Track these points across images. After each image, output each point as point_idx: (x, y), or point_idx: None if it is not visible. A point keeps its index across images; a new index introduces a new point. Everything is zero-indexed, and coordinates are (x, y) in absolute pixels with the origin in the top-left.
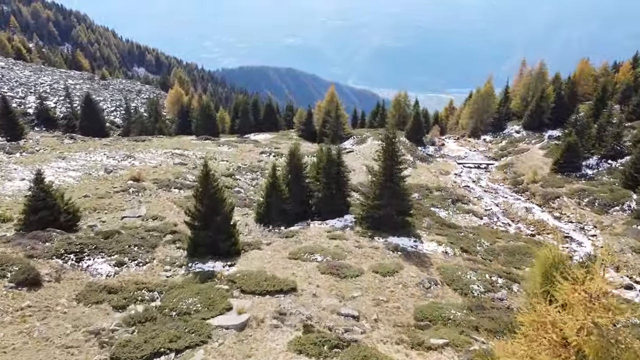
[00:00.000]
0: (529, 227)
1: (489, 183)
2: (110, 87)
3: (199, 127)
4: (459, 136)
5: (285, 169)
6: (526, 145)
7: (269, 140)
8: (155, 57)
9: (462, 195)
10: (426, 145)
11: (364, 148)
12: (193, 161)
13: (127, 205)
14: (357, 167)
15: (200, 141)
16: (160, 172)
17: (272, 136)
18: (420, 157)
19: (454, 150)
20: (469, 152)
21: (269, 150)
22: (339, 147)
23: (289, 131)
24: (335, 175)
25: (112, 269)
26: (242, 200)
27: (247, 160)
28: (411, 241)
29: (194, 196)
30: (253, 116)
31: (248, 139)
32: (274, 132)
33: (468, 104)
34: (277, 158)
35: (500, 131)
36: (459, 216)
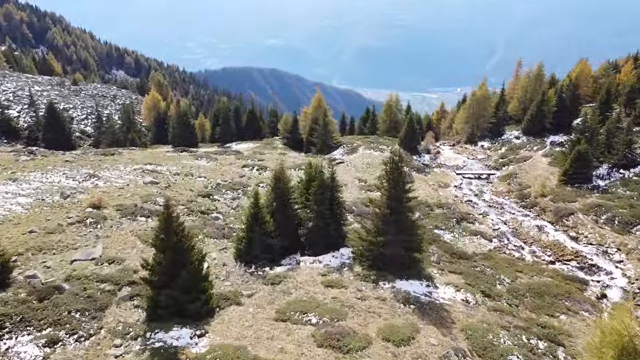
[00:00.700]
0: (545, 251)
1: (492, 196)
2: (82, 93)
3: (175, 136)
4: (454, 142)
5: (270, 195)
6: (528, 153)
7: (252, 151)
8: (135, 59)
9: (466, 212)
10: (421, 153)
11: (355, 159)
12: (166, 179)
13: (82, 241)
14: (349, 181)
15: (177, 153)
16: (126, 195)
17: (256, 145)
18: (417, 167)
19: (450, 158)
20: (467, 160)
21: (251, 162)
22: (330, 164)
23: (274, 139)
24: (329, 201)
25: (41, 351)
26: (219, 229)
27: (227, 176)
28: (423, 286)
29: (153, 244)
30: (235, 123)
31: (229, 149)
32: (257, 140)
33: (463, 107)
34: (260, 172)
35: (498, 137)
36: (466, 239)
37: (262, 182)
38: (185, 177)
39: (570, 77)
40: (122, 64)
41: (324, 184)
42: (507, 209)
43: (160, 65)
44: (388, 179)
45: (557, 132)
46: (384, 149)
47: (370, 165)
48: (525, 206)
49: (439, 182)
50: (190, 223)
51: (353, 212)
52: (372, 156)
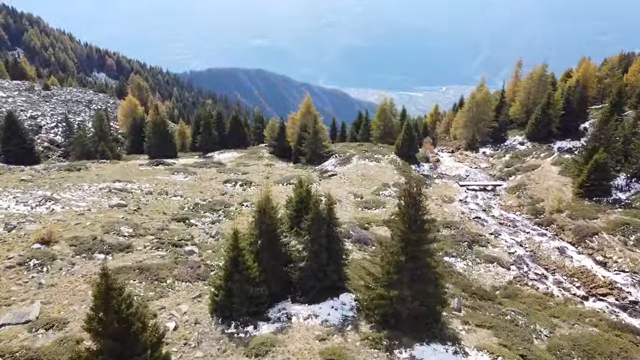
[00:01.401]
0: (572, 281)
1: (502, 212)
2: (54, 99)
3: (152, 147)
4: (453, 149)
5: (254, 231)
6: (535, 161)
7: (236, 161)
8: (117, 61)
9: (476, 233)
10: (420, 163)
11: (349, 170)
12: (136, 200)
13: (19, 293)
14: (343, 197)
15: (151, 167)
16: (85, 224)
17: (240, 155)
18: (416, 179)
19: (451, 167)
20: (469, 169)
21: (234, 177)
22: (322, 177)
23: (259, 147)
24: (325, 238)
25: None
26: (193, 268)
27: (207, 193)
28: (450, 352)
29: (86, 328)
30: (217, 130)
31: (211, 160)
32: (241, 148)
33: (462, 111)
34: (244, 188)
35: (500, 142)
36: (481, 267)
37: (246, 200)
38: (159, 196)
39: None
40: (103, 66)
41: (319, 216)
42: (520, 227)
43: (142, 67)
44: (403, 216)
45: (564, 137)
46: (379, 158)
47: (365, 177)
48: (540, 223)
49: (442, 196)
50: (158, 261)
51: (350, 237)
52: (367, 167)
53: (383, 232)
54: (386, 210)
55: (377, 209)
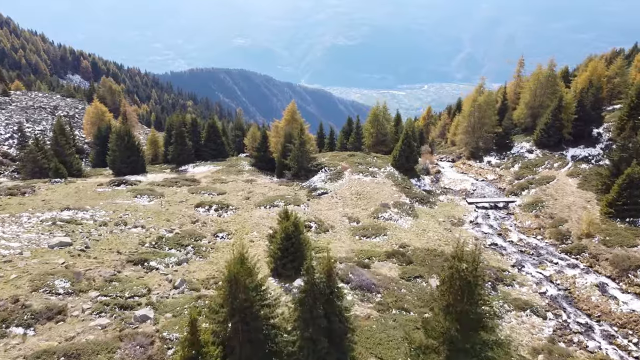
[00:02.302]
0: (625, 334)
1: (520, 235)
2: (13, 105)
3: (116, 161)
4: (454, 157)
5: (222, 307)
6: (548, 172)
7: (212, 177)
8: (92, 62)
9: (498, 268)
10: (420, 176)
11: (341, 187)
12: (86, 234)
13: None
14: (337, 221)
15: (112, 188)
16: (9, 277)
17: (217, 168)
18: (418, 196)
19: (455, 180)
20: (475, 182)
21: (209, 198)
22: (310, 196)
23: (239, 159)
24: (324, 316)
25: None
26: (144, 347)
27: (175, 221)
28: None
29: None
30: (192, 140)
31: (183, 176)
32: (219, 160)
33: (462, 116)
34: (220, 214)
35: (506, 150)
36: (512, 317)
37: (221, 230)
38: (116, 227)
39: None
40: (78, 69)
41: (315, 290)
42: (546, 256)
43: (120, 69)
44: (449, 310)
45: (576, 144)
46: (375, 172)
47: (361, 195)
48: (568, 251)
49: (450, 217)
50: (96, 336)
51: (350, 281)
52: (362, 183)
53: (387, 270)
54: (388, 238)
55: (378, 237)
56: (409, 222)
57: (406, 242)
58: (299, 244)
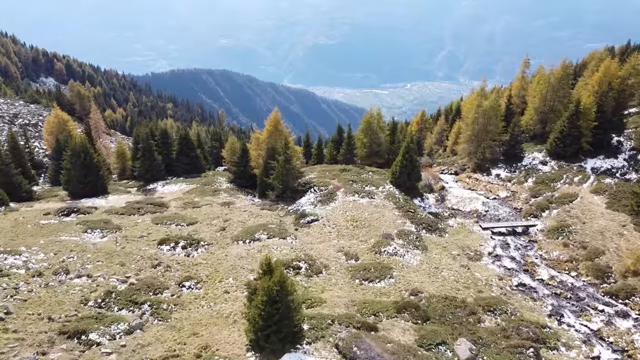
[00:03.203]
0: None
1: (550, 271)
2: None
3: (71, 181)
4: (457, 169)
5: None
6: (568, 188)
7: (183, 199)
8: (67, 64)
9: (535, 323)
10: (423, 194)
11: (334, 212)
12: (10, 291)
13: None
14: (331, 259)
15: (59, 219)
16: None
17: (190, 187)
18: (425, 222)
19: (463, 198)
20: (486, 201)
21: (177, 230)
22: (298, 224)
23: (216, 174)
24: None
25: None
26: None
27: (131, 266)
28: None
29: None
30: (163, 153)
31: (150, 199)
32: (194, 176)
33: (465, 123)
34: (189, 253)
35: (516, 161)
36: None
37: (190, 277)
38: (55, 277)
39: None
40: (51, 71)
41: None
42: (587, 300)
43: (96, 71)
44: None
45: (595, 154)
46: (372, 192)
47: (358, 223)
48: (612, 293)
49: (464, 249)
50: None
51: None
52: (358, 206)
53: (400, 332)
54: (395, 281)
55: (383, 281)
56: (418, 258)
57: (418, 287)
58: (287, 308)
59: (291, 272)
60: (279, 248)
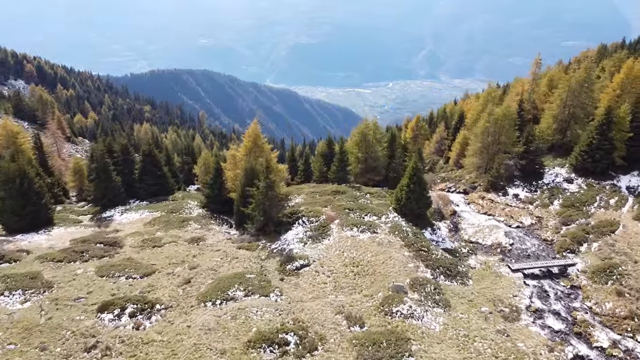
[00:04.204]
0: None
1: (608, 333)
2: None
3: (5, 213)
4: (466, 187)
5: None
6: (604, 212)
7: (144, 233)
8: (37, 66)
9: None
10: (433, 224)
11: (328, 252)
12: None
13: None
14: (328, 325)
15: None
16: None
17: (154, 215)
18: (442, 265)
19: (480, 227)
20: (509, 230)
21: (126, 287)
22: (284, 272)
23: (187, 196)
24: None
25: None
26: None
27: (56, 348)
28: None
29: None
30: (123, 172)
31: (104, 231)
32: (160, 199)
33: (474, 133)
34: (139, 323)
35: (536, 178)
36: None
37: None
38: None
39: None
40: (21, 73)
41: None
42: None
43: (69, 72)
44: None
45: (627, 170)
46: (374, 224)
47: (359, 268)
48: None
49: (496, 303)
50: None
51: None
52: (358, 245)
53: None
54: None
55: None
56: (441, 320)
57: None
58: None
59: (276, 351)
60: (260, 311)
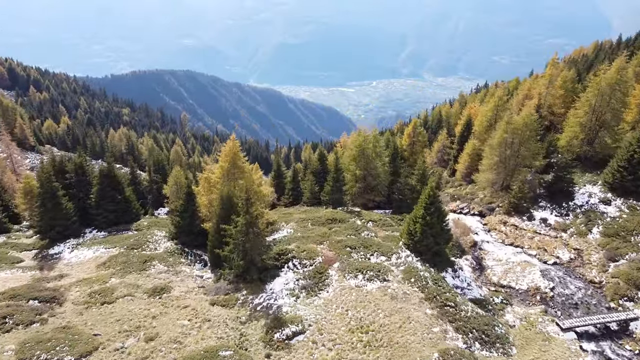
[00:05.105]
0: None
1: None
2: None
3: None
4: (482, 208)
5: None
6: None
7: (93, 282)
8: (9, 69)
9: None
10: (454, 262)
11: (328, 310)
12: None
13: None
14: None
15: None
16: None
17: (111, 252)
18: (476, 327)
19: (510, 265)
20: (545, 268)
21: None
22: (270, 343)
23: (154, 224)
24: None
25: None
26: None
27: None
28: None
29: None
30: (78, 197)
31: (46, 274)
32: (121, 229)
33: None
34: None
35: (565, 199)
36: None
37: None
38: None
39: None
40: None
41: None
42: None
43: (43, 75)
44: None
45: None
46: (383, 267)
47: (370, 338)
48: None
49: None
50: None
51: None
52: (366, 299)
53: None
54: None
55: None
56: None
57: None
58: None
59: None
60: None
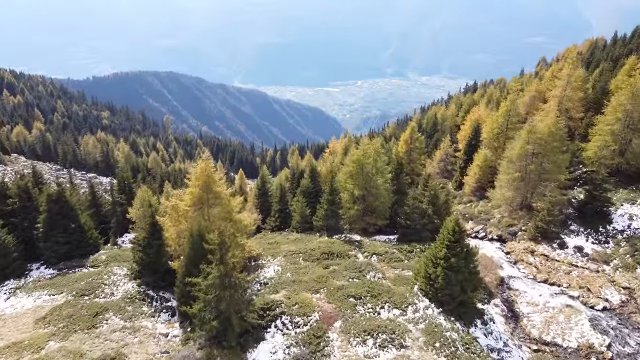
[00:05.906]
0: None
1: None
2: None
3: None
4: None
5: None
6: None
7: (25, 345)
8: None
9: None
10: (482, 311)
11: None
12: None
13: None
14: None
15: None
16: None
17: (56, 302)
18: None
19: (550, 312)
20: (594, 315)
21: None
22: None
23: (113, 260)
24: None
25: None
26: None
27: None
28: None
29: None
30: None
31: None
32: (73, 267)
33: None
34: None
35: (602, 222)
36: None
37: None
38: None
39: None
40: None
41: None
42: None
43: (17, 77)
44: None
45: None
46: (397, 325)
47: None
48: None
49: None
50: None
51: None
52: None
53: None
54: None
55: None
56: None
57: None
58: None
59: None
60: None
